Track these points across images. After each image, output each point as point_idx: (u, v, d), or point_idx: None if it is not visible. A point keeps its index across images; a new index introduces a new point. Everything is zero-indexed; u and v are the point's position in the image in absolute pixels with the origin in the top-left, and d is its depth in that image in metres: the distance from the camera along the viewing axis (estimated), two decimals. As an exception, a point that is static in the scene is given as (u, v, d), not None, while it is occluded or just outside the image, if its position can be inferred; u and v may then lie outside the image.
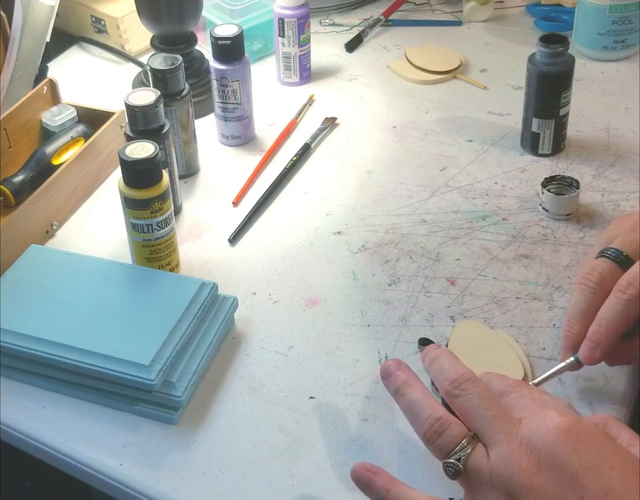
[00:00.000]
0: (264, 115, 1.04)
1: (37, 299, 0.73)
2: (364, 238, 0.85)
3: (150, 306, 0.72)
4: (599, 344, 0.63)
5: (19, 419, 0.68)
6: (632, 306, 0.63)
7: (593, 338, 0.64)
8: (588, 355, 0.64)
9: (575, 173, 0.91)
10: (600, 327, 0.64)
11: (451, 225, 0.85)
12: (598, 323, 0.64)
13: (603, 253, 0.67)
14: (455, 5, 1.26)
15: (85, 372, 0.68)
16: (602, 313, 0.64)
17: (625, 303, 0.63)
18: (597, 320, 0.64)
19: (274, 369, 0.72)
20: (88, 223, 0.89)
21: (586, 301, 0.65)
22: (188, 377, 0.68)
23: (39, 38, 1.00)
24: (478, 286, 0.78)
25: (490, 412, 0.53)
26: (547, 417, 0.51)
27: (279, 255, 0.83)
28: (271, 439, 0.66)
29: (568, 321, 0.66)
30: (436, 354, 0.59)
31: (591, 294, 0.65)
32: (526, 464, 0.50)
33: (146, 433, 0.67)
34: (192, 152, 0.94)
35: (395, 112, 1.04)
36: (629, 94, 1.05)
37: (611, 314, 0.63)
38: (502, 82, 1.08)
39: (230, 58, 0.94)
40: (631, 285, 0.64)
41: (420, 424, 0.55)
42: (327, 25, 1.23)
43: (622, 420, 0.56)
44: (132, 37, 1.16)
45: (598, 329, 0.64)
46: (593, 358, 0.64)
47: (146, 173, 0.75)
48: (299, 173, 0.95)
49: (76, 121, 0.97)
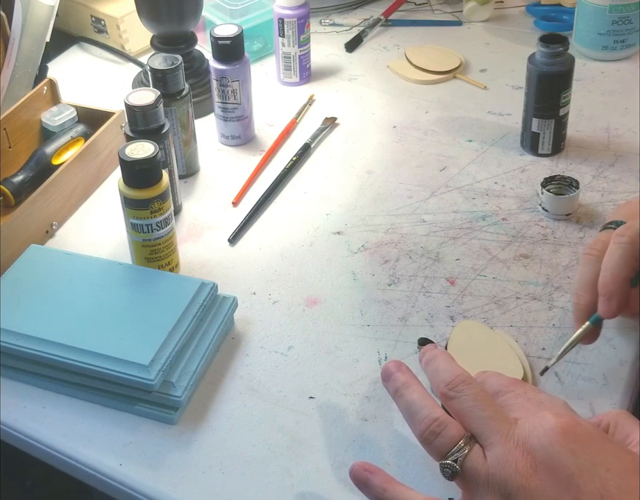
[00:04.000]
0: (264, 115, 1.04)
1: (37, 299, 0.73)
2: (364, 238, 0.85)
3: (150, 306, 0.72)
4: (612, 294, 0.63)
5: (18, 419, 0.68)
6: (632, 247, 0.63)
7: (604, 290, 0.64)
8: (606, 308, 0.64)
9: (575, 173, 0.91)
10: (606, 277, 0.64)
11: (451, 225, 0.85)
12: (604, 274, 0.64)
13: (606, 226, 0.68)
14: (454, 5, 1.26)
15: (84, 372, 0.68)
16: (605, 263, 0.64)
17: (625, 247, 0.63)
18: (602, 271, 0.64)
19: (274, 369, 0.72)
20: (88, 223, 0.89)
21: (592, 270, 0.66)
22: (188, 377, 0.68)
23: (39, 38, 1.00)
24: (478, 286, 0.78)
25: (486, 413, 0.53)
26: (543, 418, 0.51)
27: (279, 255, 0.83)
28: (271, 439, 0.66)
29: (576, 294, 0.66)
30: (432, 355, 0.59)
31: (596, 263, 0.65)
32: (522, 466, 0.50)
33: (145, 433, 0.67)
34: (192, 152, 0.94)
35: (395, 112, 1.04)
36: (629, 94, 1.05)
37: (614, 260, 0.63)
38: (502, 82, 1.08)
39: (230, 58, 0.94)
40: (628, 228, 0.64)
41: (418, 425, 0.56)
42: (327, 25, 1.23)
43: (635, 417, 0.56)
44: (132, 37, 1.16)
45: (605, 280, 0.64)
46: (611, 310, 0.64)
47: (146, 173, 0.75)
48: (299, 173, 0.95)
49: (75, 121, 0.97)
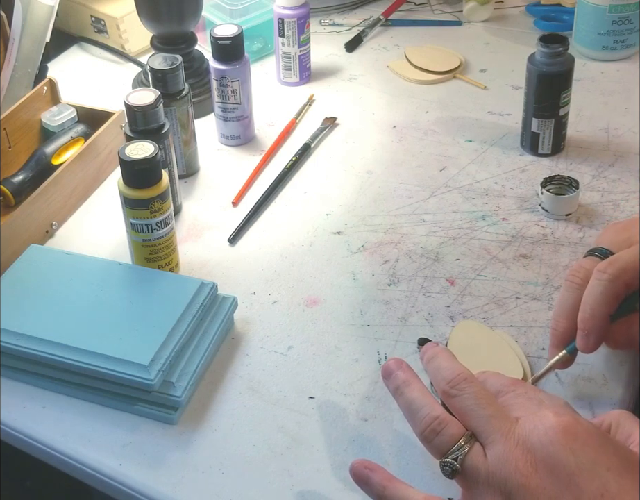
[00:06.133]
0: (264, 115, 1.04)
1: (36, 299, 0.73)
2: (364, 238, 0.85)
3: (150, 306, 0.72)
4: (590, 330, 0.63)
5: (18, 419, 0.68)
6: (613, 286, 0.63)
7: (582, 325, 0.64)
8: (584, 343, 0.64)
9: (575, 173, 0.91)
10: (586, 312, 0.63)
11: (451, 225, 0.85)
12: (583, 309, 0.64)
13: (591, 252, 0.68)
14: (454, 5, 1.26)
15: (84, 372, 0.68)
16: (585, 298, 0.64)
17: (605, 284, 0.63)
18: (582, 307, 0.64)
19: (274, 369, 0.72)
20: (88, 223, 0.89)
21: (572, 297, 0.65)
22: (187, 377, 0.68)
23: (39, 38, 1.00)
24: (478, 286, 0.78)
25: (487, 411, 0.53)
26: (544, 417, 0.51)
27: (278, 255, 0.83)
28: (271, 439, 0.66)
29: (554, 319, 0.66)
30: (433, 353, 0.59)
31: (577, 291, 0.65)
32: (523, 464, 0.50)
33: (145, 433, 0.67)
34: (192, 152, 0.94)
35: (395, 112, 1.04)
36: (629, 94, 1.05)
37: (594, 296, 0.63)
38: (502, 82, 1.08)
39: (230, 58, 0.94)
40: (610, 265, 0.64)
41: (418, 423, 0.56)
42: (327, 25, 1.23)
43: (636, 417, 0.55)
44: (132, 37, 1.16)
45: (584, 315, 0.63)
46: (589, 346, 0.64)
47: (146, 173, 0.75)
48: (299, 173, 0.95)
49: (75, 121, 0.97)
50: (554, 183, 0.87)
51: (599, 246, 0.68)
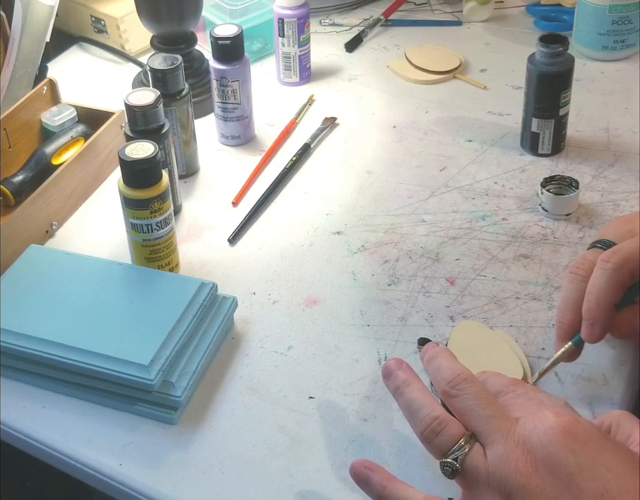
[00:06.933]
0: (264, 115, 1.04)
1: (36, 299, 0.73)
2: (364, 238, 0.85)
3: (150, 306, 0.72)
4: (595, 320, 0.63)
5: (18, 419, 0.68)
6: (617, 274, 0.63)
7: (588, 315, 0.64)
8: (589, 333, 0.64)
9: (575, 173, 0.91)
10: (591, 302, 0.63)
11: (451, 225, 0.85)
12: (588, 299, 0.64)
13: (594, 244, 0.68)
14: (454, 5, 1.26)
15: (84, 372, 0.68)
16: (590, 288, 0.64)
17: (609, 273, 0.63)
18: (587, 296, 0.64)
19: (274, 369, 0.72)
20: (88, 223, 0.89)
21: (577, 289, 0.65)
22: (187, 377, 0.68)
23: (39, 38, 1.00)
24: (478, 286, 0.78)
25: (487, 411, 0.53)
26: (544, 417, 0.51)
27: (278, 255, 0.83)
28: (271, 439, 0.66)
29: (559, 313, 0.66)
30: (434, 353, 0.59)
31: (581, 283, 0.65)
32: (523, 465, 0.50)
33: (145, 433, 0.67)
34: (192, 152, 0.94)
35: (395, 112, 1.04)
36: (629, 94, 1.05)
37: (598, 286, 0.63)
38: (502, 82, 1.08)
39: (230, 58, 0.94)
40: (614, 254, 0.64)
41: (418, 423, 0.56)
42: (327, 25, 1.23)
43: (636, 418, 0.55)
44: (132, 37, 1.16)
45: (589, 305, 0.63)
46: (594, 335, 0.64)
47: (146, 173, 0.75)
48: (299, 173, 0.95)
49: (75, 121, 0.97)
50: (554, 183, 0.87)
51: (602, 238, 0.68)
